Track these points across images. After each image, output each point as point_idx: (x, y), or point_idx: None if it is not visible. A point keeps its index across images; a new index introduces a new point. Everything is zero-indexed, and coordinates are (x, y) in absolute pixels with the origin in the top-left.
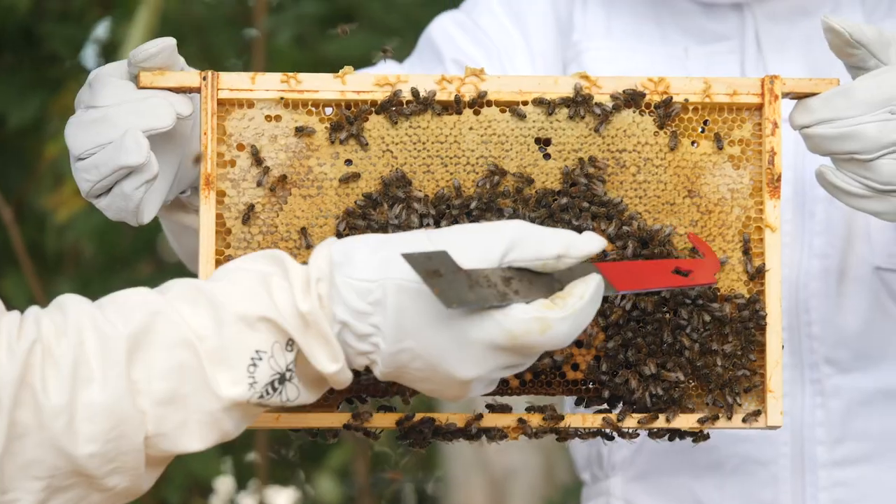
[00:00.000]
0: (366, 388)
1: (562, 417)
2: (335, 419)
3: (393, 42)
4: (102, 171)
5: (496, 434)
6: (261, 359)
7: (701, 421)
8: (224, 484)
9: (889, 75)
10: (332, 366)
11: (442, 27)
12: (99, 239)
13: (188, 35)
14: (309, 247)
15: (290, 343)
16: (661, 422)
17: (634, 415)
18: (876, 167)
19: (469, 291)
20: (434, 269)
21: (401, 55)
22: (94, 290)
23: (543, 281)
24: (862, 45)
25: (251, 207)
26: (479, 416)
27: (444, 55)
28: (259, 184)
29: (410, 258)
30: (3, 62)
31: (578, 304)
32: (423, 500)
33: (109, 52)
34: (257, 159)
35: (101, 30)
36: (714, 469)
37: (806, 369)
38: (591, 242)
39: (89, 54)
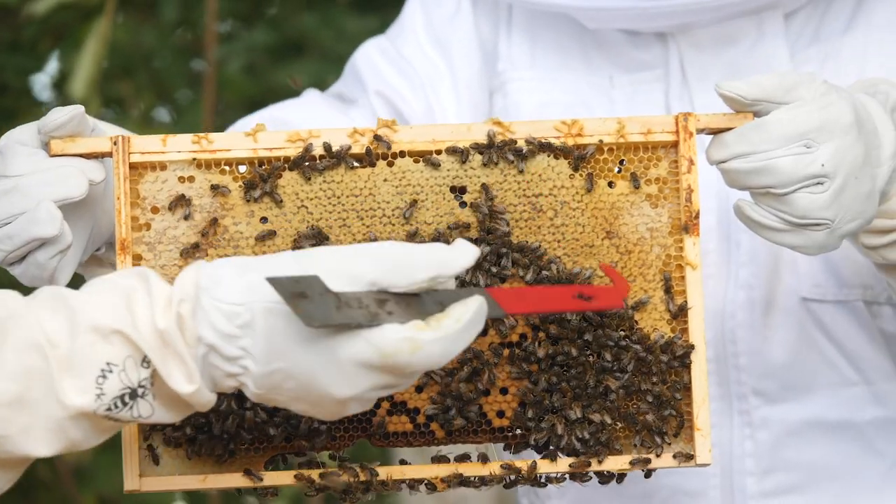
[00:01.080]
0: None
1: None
2: (237, 480)
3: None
4: (16, 242)
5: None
6: (111, 371)
7: (632, 463)
8: None
9: (803, 109)
10: (188, 386)
11: (367, 56)
12: None
13: (138, 65)
14: None
15: (146, 361)
16: (593, 465)
17: (566, 459)
18: (791, 201)
19: (336, 312)
20: (300, 291)
21: None
22: None
23: (423, 300)
24: (761, 100)
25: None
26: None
27: (367, 86)
28: (186, 217)
29: (275, 282)
30: None
31: (453, 327)
32: None
33: (60, 83)
34: (181, 201)
35: (52, 60)
36: (645, 499)
37: (734, 400)
38: (465, 256)
39: (40, 84)
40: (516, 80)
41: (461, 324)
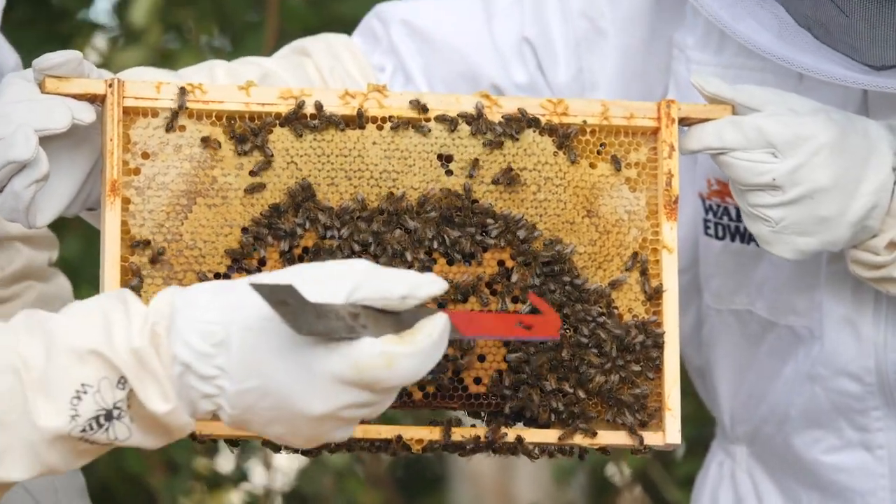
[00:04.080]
0: None
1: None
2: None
3: None
4: None
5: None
6: (86, 392)
7: (632, 432)
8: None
9: (778, 119)
10: (164, 405)
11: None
12: None
13: None
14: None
15: (123, 381)
16: (577, 438)
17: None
18: (747, 194)
19: (317, 322)
20: (281, 299)
21: None
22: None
23: (390, 319)
24: (746, 107)
25: (159, 252)
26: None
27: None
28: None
29: (258, 288)
30: (15, 18)
31: (426, 342)
32: None
33: (120, 9)
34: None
35: None
36: (819, 489)
37: None
38: (434, 285)
39: (101, 9)
40: (698, 62)
41: (433, 339)
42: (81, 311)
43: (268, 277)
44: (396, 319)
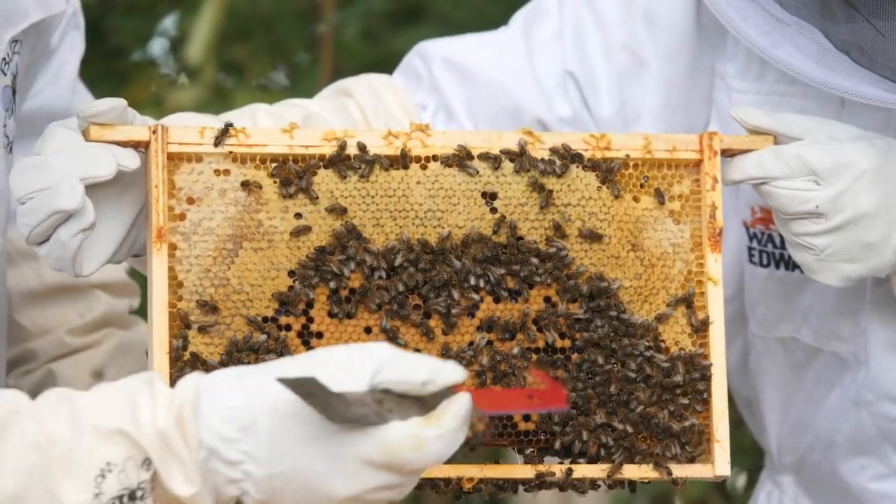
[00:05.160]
0: None
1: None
2: None
3: None
4: (39, 216)
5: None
6: (111, 471)
7: (658, 463)
8: None
9: (819, 147)
10: (188, 488)
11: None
12: None
13: (256, 29)
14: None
15: (148, 462)
16: (624, 472)
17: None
18: (791, 224)
19: (348, 410)
20: (308, 391)
21: None
22: None
23: (412, 402)
24: (785, 136)
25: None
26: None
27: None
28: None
29: (285, 381)
30: None
31: (453, 423)
32: None
33: (177, 46)
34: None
35: (169, 23)
36: None
37: None
38: (455, 372)
39: (157, 47)
40: (739, 90)
41: (458, 420)
42: (107, 391)
43: (288, 363)
44: (419, 401)
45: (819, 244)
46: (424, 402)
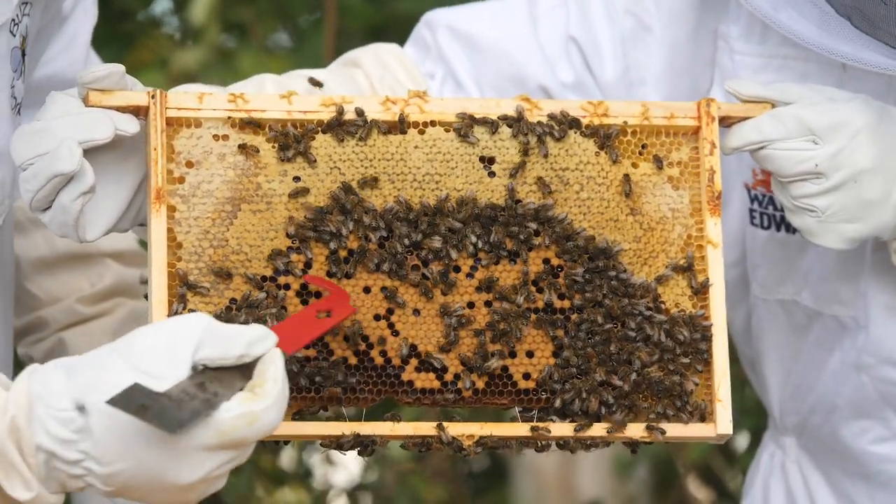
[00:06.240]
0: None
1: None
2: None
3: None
4: (39, 181)
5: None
6: None
7: (648, 429)
8: None
9: (816, 107)
10: (25, 493)
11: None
12: None
13: None
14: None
15: None
16: (625, 430)
17: (599, 424)
18: (791, 187)
19: (179, 411)
20: (139, 403)
21: None
22: None
23: (231, 371)
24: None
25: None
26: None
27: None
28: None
29: (116, 402)
30: None
31: (276, 388)
32: None
33: (180, 8)
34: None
35: None
36: (866, 480)
37: None
38: (267, 340)
39: (161, 8)
40: (742, 52)
41: (280, 382)
42: None
43: (107, 355)
44: (238, 368)
45: (819, 204)
46: (242, 367)
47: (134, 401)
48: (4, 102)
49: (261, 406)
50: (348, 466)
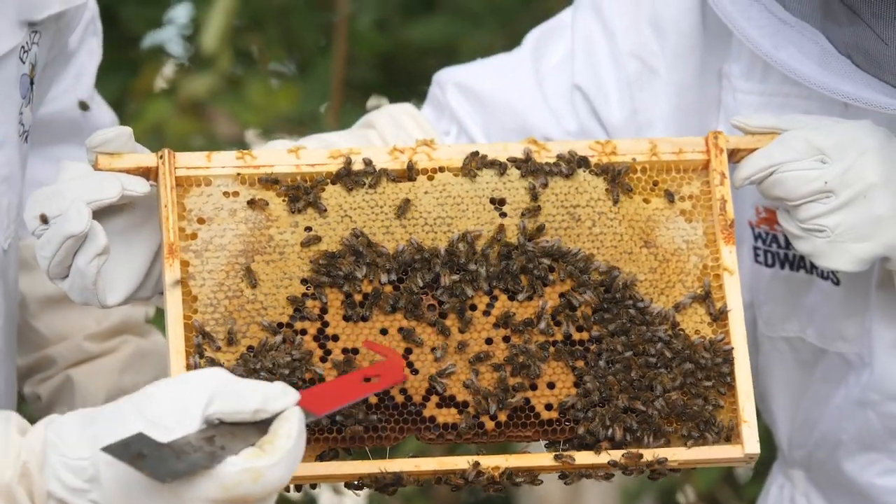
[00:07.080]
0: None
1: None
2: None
3: (479, 32)
4: (53, 245)
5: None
6: None
7: (685, 441)
8: None
9: (823, 129)
10: None
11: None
12: None
13: (269, 19)
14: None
15: None
16: (645, 456)
17: (615, 451)
18: (800, 210)
19: (177, 462)
20: (137, 452)
21: (483, 42)
22: None
23: (246, 427)
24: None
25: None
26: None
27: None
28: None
29: (111, 450)
30: None
31: (287, 445)
32: None
33: (190, 35)
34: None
35: (181, 12)
36: None
37: None
38: (286, 397)
39: (169, 36)
40: (744, 91)
41: (293, 440)
42: None
43: (126, 408)
44: (254, 424)
45: (829, 223)
46: (260, 423)
47: (132, 449)
48: (12, 128)
49: (266, 462)
50: (354, 496)
